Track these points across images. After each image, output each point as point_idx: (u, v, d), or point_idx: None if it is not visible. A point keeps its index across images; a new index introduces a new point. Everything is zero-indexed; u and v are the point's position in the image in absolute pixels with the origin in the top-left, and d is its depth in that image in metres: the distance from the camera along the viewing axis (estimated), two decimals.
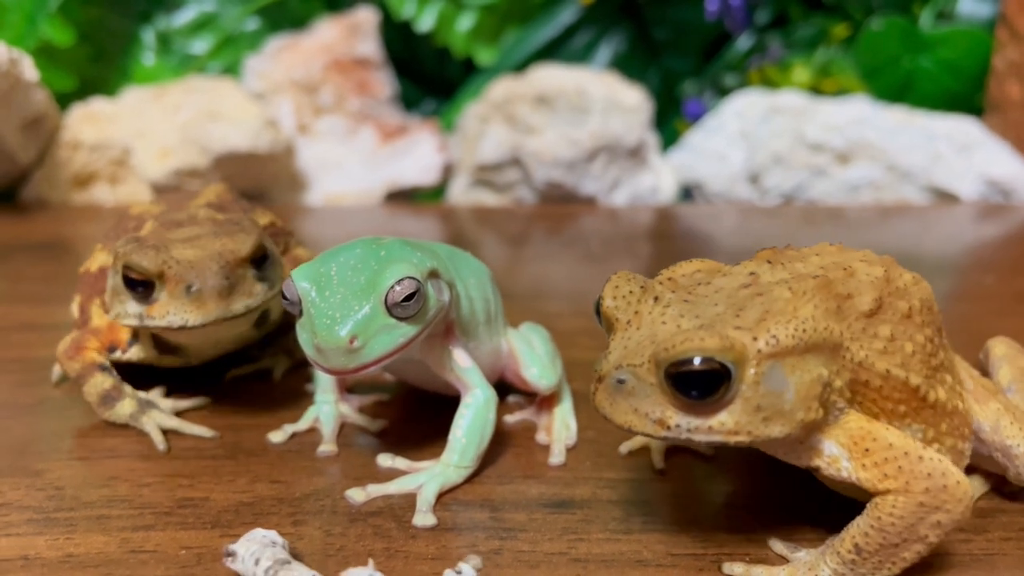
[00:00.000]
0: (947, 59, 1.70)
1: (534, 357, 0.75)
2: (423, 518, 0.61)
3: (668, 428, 0.50)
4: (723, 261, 0.60)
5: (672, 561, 0.57)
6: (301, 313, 0.61)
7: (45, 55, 1.57)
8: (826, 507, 0.62)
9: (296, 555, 0.58)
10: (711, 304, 0.52)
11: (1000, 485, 0.64)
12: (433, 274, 0.63)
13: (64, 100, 1.59)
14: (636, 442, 0.70)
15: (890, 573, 0.52)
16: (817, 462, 0.53)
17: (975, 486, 0.64)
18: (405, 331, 0.60)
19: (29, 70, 1.40)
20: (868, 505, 0.52)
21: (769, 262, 0.57)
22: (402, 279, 0.59)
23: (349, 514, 0.62)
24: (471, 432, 0.66)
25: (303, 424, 0.74)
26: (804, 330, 0.50)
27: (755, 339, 0.49)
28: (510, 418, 0.75)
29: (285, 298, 0.61)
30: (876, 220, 1.45)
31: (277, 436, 0.73)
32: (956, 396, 0.59)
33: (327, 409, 0.74)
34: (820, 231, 1.39)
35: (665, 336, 0.49)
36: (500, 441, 0.71)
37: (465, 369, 0.68)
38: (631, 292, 0.54)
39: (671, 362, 0.48)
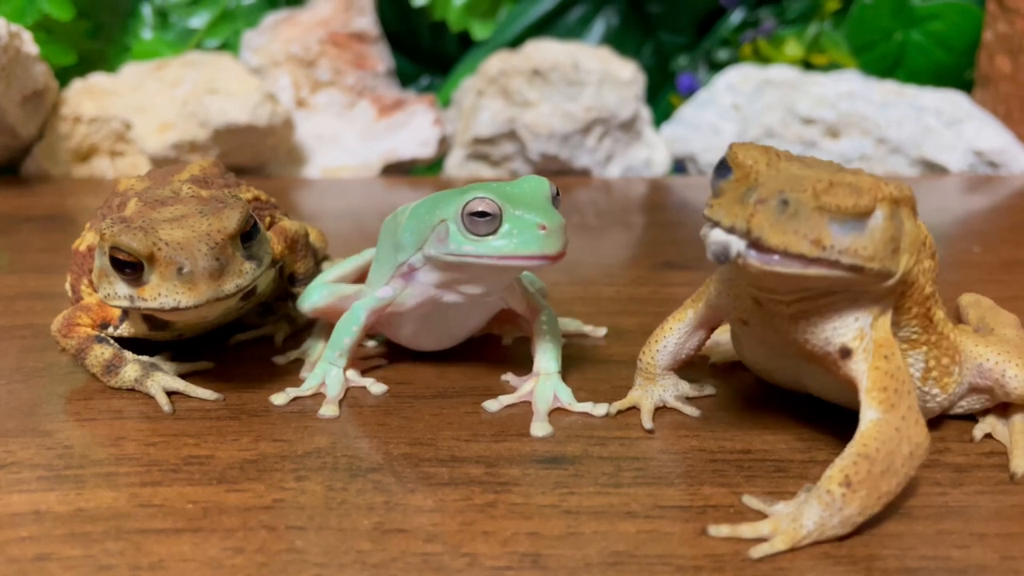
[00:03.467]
0: (938, 32, 1.72)
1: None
2: (541, 428, 0.70)
3: (823, 248, 0.55)
4: None
5: (660, 513, 0.60)
6: (498, 227, 0.67)
7: (44, 30, 1.58)
8: (809, 463, 0.64)
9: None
10: (823, 168, 0.60)
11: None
12: None
13: (63, 75, 1.60)
14: (626, 402, 0.73)
15: (872, 511, 0.56)
16: (851, 341, 0.61)
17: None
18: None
19: (29, 44, 1.41)
20: (852, 441, 0.57)
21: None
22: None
23: (350, 470, 0.65)
24: (557, 339, 0.78)
25: (308, 390, 0.76)
26: (907, 190, 0.59)
27: (886, 185, 0.57)
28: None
29: (486, 213, 0.67)
30: None
31: (279, 399, 0.75)
32: (945, 323, 0.67)
33: (336, 373, 0.76)
34: None
35: (823, 175, 0.57)
36: None
37: (532, 294, 0.79)
38: (758, 149, 0.60)
39: (832, 193, 0.55)
